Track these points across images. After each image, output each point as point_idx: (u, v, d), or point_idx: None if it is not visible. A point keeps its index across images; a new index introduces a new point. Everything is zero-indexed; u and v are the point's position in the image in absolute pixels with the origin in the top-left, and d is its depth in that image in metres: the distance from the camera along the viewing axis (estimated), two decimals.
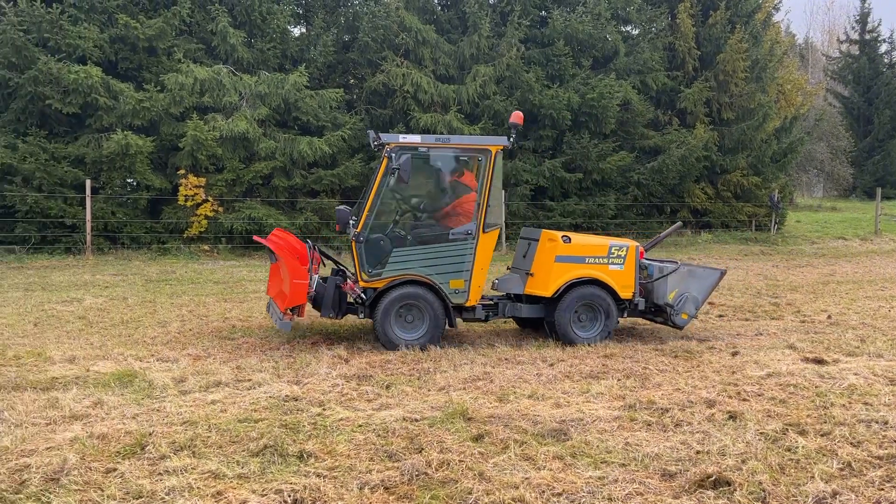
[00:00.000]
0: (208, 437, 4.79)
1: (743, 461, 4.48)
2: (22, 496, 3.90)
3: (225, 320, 9.04)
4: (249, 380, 6.22)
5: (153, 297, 10.70)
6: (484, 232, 7.65)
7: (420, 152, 7.68)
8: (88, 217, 14.97)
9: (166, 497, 3.91)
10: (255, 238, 8.36)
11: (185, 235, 15.97)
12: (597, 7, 20.44)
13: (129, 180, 16.00)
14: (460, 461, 4.44)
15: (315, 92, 17.38)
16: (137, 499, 3.90)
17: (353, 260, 7.61)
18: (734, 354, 7.42)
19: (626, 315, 8.14)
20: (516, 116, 7.92)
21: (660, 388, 6.12)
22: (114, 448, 4.56)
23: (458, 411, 5.31)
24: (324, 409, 5.44)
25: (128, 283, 12.06)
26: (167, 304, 10.13)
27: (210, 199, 15.98)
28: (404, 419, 5.21)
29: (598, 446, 4.73)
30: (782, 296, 11.63)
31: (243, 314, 9.44)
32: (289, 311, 7.31)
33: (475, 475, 4.26)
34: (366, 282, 7.56)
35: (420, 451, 4.60)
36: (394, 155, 7.38)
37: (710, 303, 10.73)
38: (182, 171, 15.89)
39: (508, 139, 7.85)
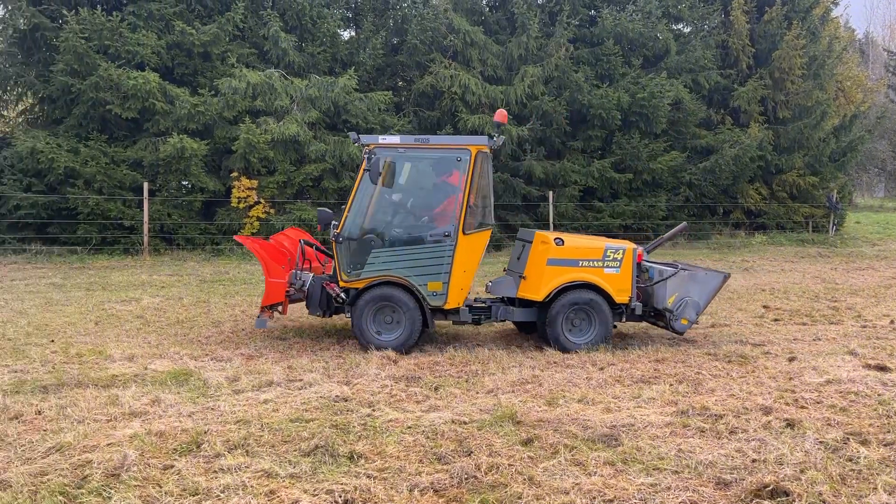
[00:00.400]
0: (261, 436, 4.87)
1: (801, 471, 4.35)
2: (84, 491, 4.02)
3: (276, 321, 9.19)
4: (300, 380, 6.31)
5: (207, 297, 10.95)
6: (465, 234, 7.49)
7: (395, 153, 7.57)
8: (146, 219, 15.42)
9: (221, 495, 3.99)
10: (236, 237, 8.56)
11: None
12: (647, 5, 20.17)
13: (184, 183, 16.43)
14: (510, 465, 4.43)
15: (364, 95, 17.57)
16: (194, 496, 3.99)
17: (335, 260, 7.64)
18: (791, 360, 7.21)
19: (624, 319, 7.83)
20: (500, 115, 7.77)
21: (713, 394, 5.99)
22: (171, 445, 4.67)
23: (506, 414, 5.29)
24: (373, 410, 5.48)
25: (183, 284, 12.37)
26: (221, 305, 10.36)
27: (262, 200, 16.30)
28: (453, 421, 5.21)
29: (649, 452, 4.66)
30: (841, 299, 11.27)
31: (294, 315, 9.57)
32: (267, 309, 7.53)
33: (525, 480, 4.24)
34: (346, 282, 7.56)
35: (469, 455, 4.59)
36: (370, 156, 7.36)
37: (764, 306, 10.48)
38: (235, 174, 16.24)
39: (490, 138, 7.67)
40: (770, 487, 4.06)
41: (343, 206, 7.71)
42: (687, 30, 22.50)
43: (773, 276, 14.24)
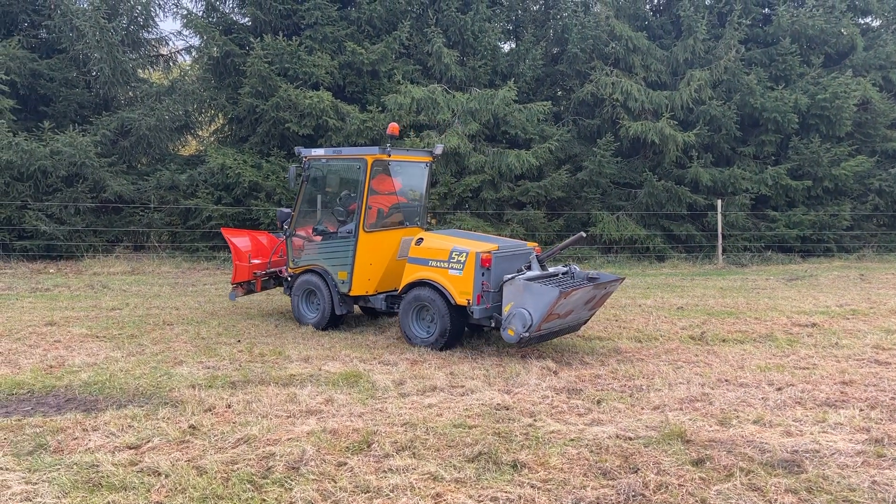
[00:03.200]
0: (426, 439, 5.02)
1: None
2: (269, 481, 4.34)
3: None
4: (462, 386, 6.43)
5: None
6: (365, 231, 8.55)
7: (320, 163, 9.07)
8: None
9: (391, 494, 4.16)
10: (222, 230, 10.24)
11: None
12: None
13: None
14: (680, 485, 4.25)
15: (523, 106, 17.65)
16: (365, 493, 4.18)
17: (287, 251, 9.45)
18: None
19: (492, 324, 7.70)
20: (391, 128, 8.67)
21: None
22: (344, 443, 4.93)
23: (675, 432, 5.09)
24: (535, 421, 5.47)
25: None
26: None
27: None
28: (617, 436, 5.09)
29: (838, 482, 4.29)
30: None
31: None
32: (237, 286, 9.63)
33: (697, 501, 4.05)
34: (292, 269, 9.36)
35: (636, 472, 4.46)
36: (307, 165, 9.02)
37: None
38: None
39: (381, 149, 8.49)
40: None
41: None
42: (876, 23, 20.60)
43: None
